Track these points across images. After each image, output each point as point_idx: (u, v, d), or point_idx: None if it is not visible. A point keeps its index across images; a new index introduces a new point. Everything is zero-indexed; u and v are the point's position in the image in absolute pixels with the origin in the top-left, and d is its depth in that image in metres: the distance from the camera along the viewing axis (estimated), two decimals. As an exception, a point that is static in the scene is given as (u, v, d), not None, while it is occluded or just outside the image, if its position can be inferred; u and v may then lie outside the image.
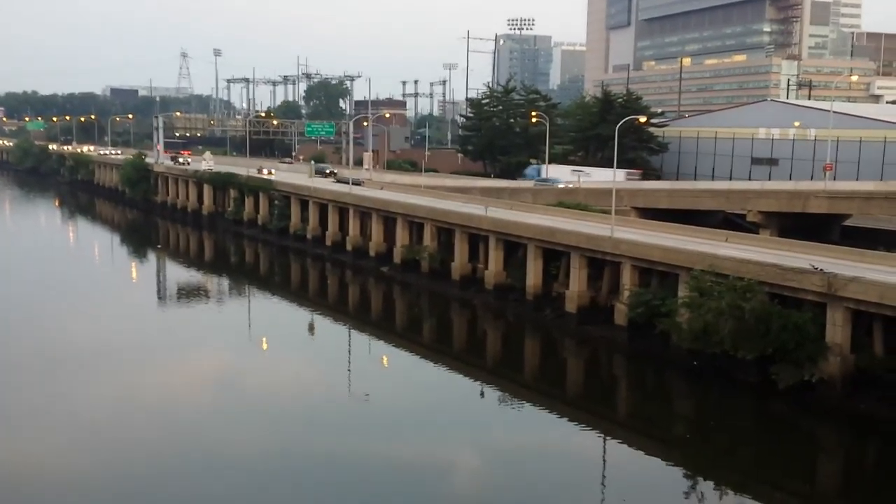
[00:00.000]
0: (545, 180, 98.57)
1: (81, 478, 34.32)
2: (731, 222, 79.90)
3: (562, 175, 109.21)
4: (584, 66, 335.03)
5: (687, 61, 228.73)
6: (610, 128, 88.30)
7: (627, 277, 53.02)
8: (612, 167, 61.02)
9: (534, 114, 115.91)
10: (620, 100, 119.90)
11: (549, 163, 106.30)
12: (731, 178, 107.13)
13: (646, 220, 68.57)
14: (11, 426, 39.32)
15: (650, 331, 49.83)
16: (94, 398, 43.60)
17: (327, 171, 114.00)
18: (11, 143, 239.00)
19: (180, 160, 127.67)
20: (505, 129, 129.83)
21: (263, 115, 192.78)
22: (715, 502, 33.48)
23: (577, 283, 56.90)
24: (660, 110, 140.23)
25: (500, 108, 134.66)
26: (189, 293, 74.67)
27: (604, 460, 37.69)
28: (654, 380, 50.12)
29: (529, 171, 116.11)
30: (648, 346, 50.13)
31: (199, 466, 35.44)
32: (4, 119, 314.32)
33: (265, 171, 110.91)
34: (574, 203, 76.84)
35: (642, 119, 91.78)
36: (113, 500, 32.35)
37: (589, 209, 72.05)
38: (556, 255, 59.90)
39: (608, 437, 40.42)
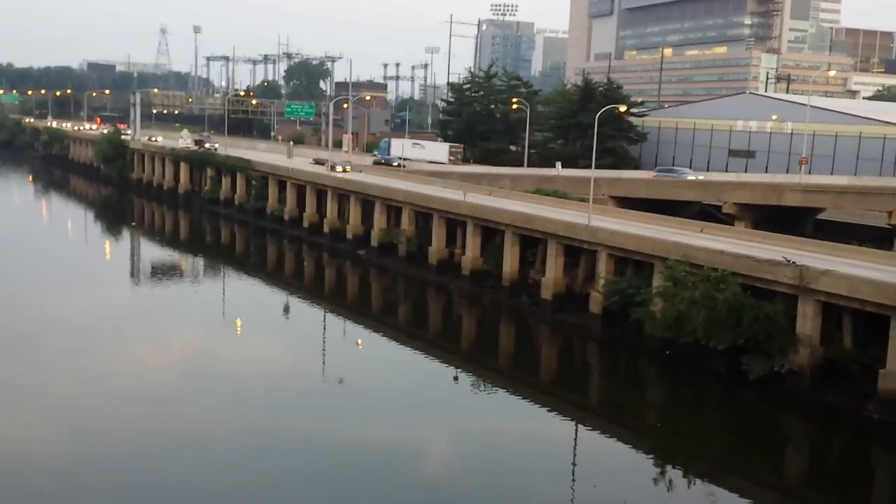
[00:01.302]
0: (669, 171, 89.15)
1: (43, 456, 34.08)
2: (707, 213, 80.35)
3: (403, 148, 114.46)
4: (566, 53, 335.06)
5: (668, 52, 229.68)
6: (590, 116, 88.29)
7: (603, 266, 53.32)
8: (592, 156, 61.23)
9: (514, 100, 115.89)
10: (601, 88, 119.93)
11: (529, 149, 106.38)
12: (708, 170, 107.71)
13: (623, 209, 68.87)
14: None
15: (624, 319, 50.25)
16: (59, 376, 43.17)
17: (394, 164, 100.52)
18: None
19: (206, 144, 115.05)
20: (485, 114, 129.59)
21: (243, 93, 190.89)
22: (684, 489, 33.90)
23: (553, 271, 57.15)
24: (640, 100, 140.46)
25: (482, 93, 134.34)
26: (163, 272, 74.17)
27: (575, 447, 37.99)
28: (627, 368, 50.56)
29: (382, 143, 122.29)
30: (622, 334, 50.54)
31: (167, 446, 35.19)
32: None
33: (339, 168, 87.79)
34: (552, 191, 77.04)
35: (622, 108, 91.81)
36: (76, 478, 32.20)
37: (567, 197, 72.28)
38: (533, 242, 60.09)
39: (580, 424, 40.77)
